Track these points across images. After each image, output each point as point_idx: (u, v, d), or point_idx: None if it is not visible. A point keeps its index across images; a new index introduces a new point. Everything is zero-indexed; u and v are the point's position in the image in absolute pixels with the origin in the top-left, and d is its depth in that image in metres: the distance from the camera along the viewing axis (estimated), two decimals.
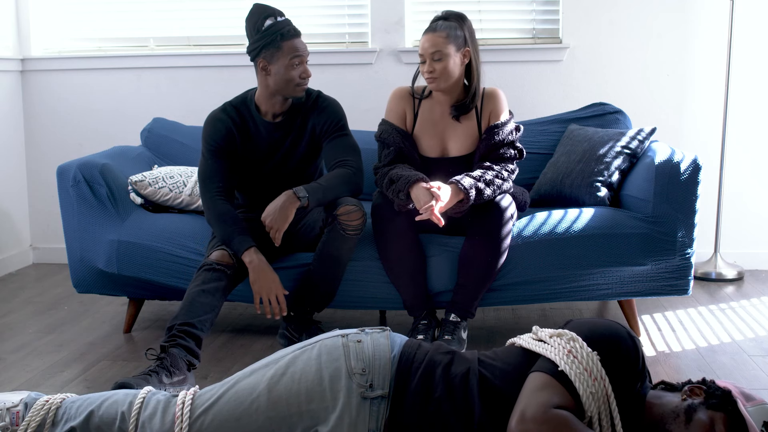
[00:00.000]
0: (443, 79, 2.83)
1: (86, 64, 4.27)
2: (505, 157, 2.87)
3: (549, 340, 1.79)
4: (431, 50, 2.80)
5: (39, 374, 2.73)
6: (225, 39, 4.24)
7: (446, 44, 2.80)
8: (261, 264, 2.67)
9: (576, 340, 1.74)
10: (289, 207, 2.65)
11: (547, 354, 1.74)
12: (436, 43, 2.79)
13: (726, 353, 2.87)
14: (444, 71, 2.81)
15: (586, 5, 3.98)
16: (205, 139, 2.85)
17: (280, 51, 2.75)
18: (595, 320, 1.83)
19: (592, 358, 1.70)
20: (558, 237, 2.88)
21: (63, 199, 3.08)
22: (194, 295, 2.57)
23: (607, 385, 1.69)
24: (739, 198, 4.02)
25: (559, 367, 1.69)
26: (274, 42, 2.74)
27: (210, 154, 2.84)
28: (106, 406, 1.84)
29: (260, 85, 2.85)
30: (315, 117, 2.88)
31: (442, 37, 2.80)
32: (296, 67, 2.77)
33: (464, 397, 1.75)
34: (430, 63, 2.81)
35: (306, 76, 2.80)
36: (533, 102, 4.00)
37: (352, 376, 1.78)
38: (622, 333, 1.76)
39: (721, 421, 1.66)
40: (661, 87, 4.00)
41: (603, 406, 1.68)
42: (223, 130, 2.84)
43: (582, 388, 1.67)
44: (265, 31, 2.74)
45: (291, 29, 2.78)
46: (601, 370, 1.69)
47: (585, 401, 1.67)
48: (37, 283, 3.98)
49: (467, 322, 2.87)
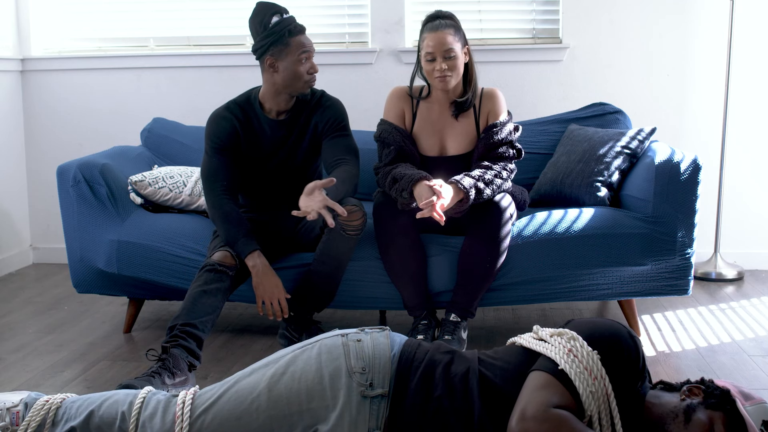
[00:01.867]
0: (455, 76, 2.83)
1: (86, 64, 4.27)
2: (504, 157, 2.87)
3: (550, 339, 1.79)
4: (444, 48, 2.78)
5: (39, 374, 2.73)
6: (225, 39, 4.24)
7: (455, 42, 2.80)
8: (264, 268, 2.68)
9: (576, 339, 1.74)
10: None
11: (547, 353, 1.74)
12: (449, 41, 2.79)
13: (726, 353, 2.87)
14: (456, 69, 2.82)
15: (586, 5, 3.98)
16: (209, 137, 2.85)
17: (288, 47, 2.75)
18: (595, 320, 1.83)
19: (592, 357, 1.71)
20: (558, 237, 2.88)
21: (63, 199, 3.08)
22: (196, 295, 2.57)
23: (607, 384, 1.69)
24: (739, 198, 4.02)
25: (559, 366, 1.69)
26: (282, 39, 2.74)
27: (214, 151, 2.84)
28: (106, 406, 1.84)
29: (266, 83, 2.84)
30: (318, 115, 2.88)
31: (451, 35, 2.80)
32: (304, 62, 2.78)
33: (464, 397, 1.75)
34: (443, 61, 2.80)
35: (314, 71, 2.81)
36: (533, 102, 4.01)
37: (352, 374, 1.78)
38: (622, 332, 1.76)
39: (720, 421, 1.66)
40: (662, 87, 4.00)
41: (603, 405, 1.68)
42: (228, 128, 2.83)
43: (582, 388, 1.67)
44: (272, 29, 2.74)
45: (297, 25, 2.79)
46: (601, 370, 1.70)
47: (585, 400, 1.67)
48: (37, 283, 3.98)
49: (467, 322, 2.87)
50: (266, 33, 2.75)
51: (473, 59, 2.90)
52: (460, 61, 2.83)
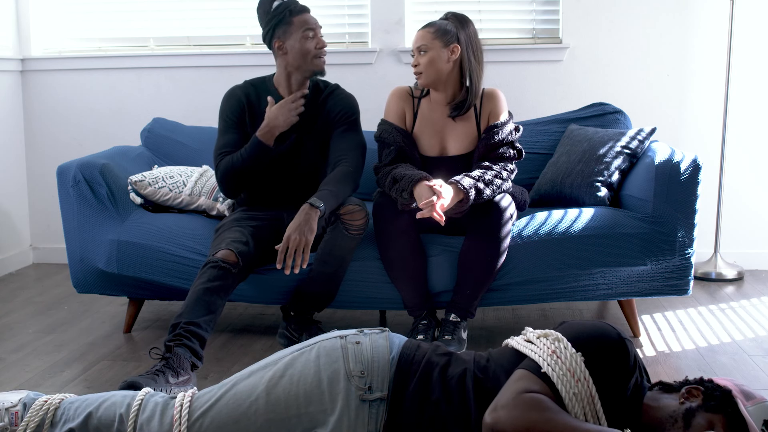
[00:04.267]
0: (426, 73, 2.87)
1: (86, 64, 4.27)
2: (504, 157, 2.87)
3: (536, 341, 1.77)
4: (417, 44, 2.88)
5: (39, 374, 2.73)
6: (225, 39, 4.24)
7: (432, 39, 2.85)
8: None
9: (561, 341, 1.73)
10: (312, 218, 2.67)
11: (531, 355, 1.73)
12: (422, 38, 2.87)
13: (726, 353, 2.87)
14: (427, 65, 2.85)
15: (586, 5, 3.98)
16: (220, 115, 2.96)
17: (292, 26, 2.84)
18: (585, 322, 1.81)
19: (576, 359, 1.68)
20: (558, 237, 2.88)
21: (63, 199, 3.08)
22: (200, 292, 2.57)
23: (590, 386, 1.66)
24: (739, 198, 4.02)
25: (542, 369, 1.67)
26: (285, 19, 2.84)
27: (225, 129, 2.93)
28: (104, 408, 1.84)
29: (279, 68, 2.93)
30: (331, 103, 2.95)
31: (430, 32, 2.86)
32: (310, 39, 2.85)
33: (461, 400, 1.74)
34: (416, 57, 2.88)
35: (321, 46, 2.88)
36: (533, 102, 4.00)
37: (351, 378, 1.77)
38: (608, 332, 1.73)
39: (720, 424, 1.63)
40: (661, 87, 3.99)
41: (588, 407, 1.66)
42: (235, 104, 2.93)
43: (564, 390, 1.65)
44: (274, 12, 2.84)
45: (299, 5, 2.88)
46: (585, 371, 1.67)
47: (567, 402, 1.64)
48: (37, 283, 3.98)
49: (467, 322, 2.87)
50: (269, 17, 2.84)
51: (480, 61, 2.90)
52: (436, 58, 2.84)
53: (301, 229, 2.64)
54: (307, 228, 2.64)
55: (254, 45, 4.16)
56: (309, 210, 2.67)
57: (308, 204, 2.68)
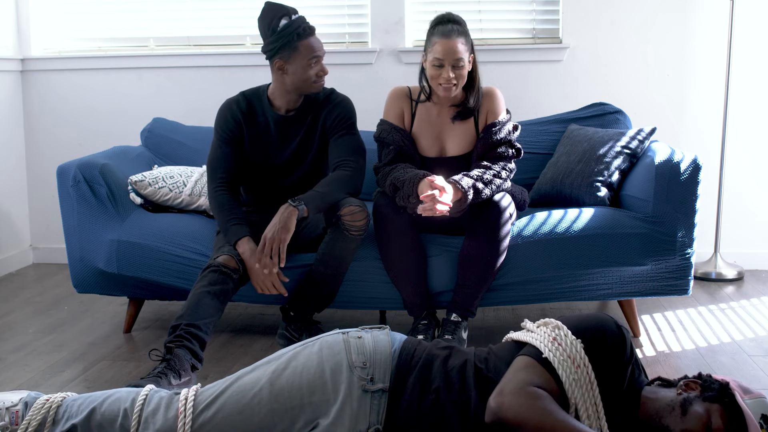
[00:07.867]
0: (459, 86, 2.83)
1: (86, 64, 4.27)
2: (503, 156, 2.87)
3: (536, 330, 1.82)
4: (454, 57, 2.76)
5: (39, 374, 2.73)
6: (225, 39, 4.24)
7: (465, 51, 2.79)
8: (252, 253, 2.70)
9: (561, 329, 1.77)
10: (290, 218, 2.67)
11: (532, 341, 1.77)
12: (459, 50, 2.76)
13: (726, 353, 2.87)
14: (461, 78, 2.81)
15: (586, 5, 3.98)
16: (216, 127, 2.93)
17: (297, 52, 2.77)
18: (584, 314, 1.86)
19: (575, 345, 1.72)
20: (558, 237, 2.88)
21: (63, 199, 3.08)
22: (200, 295, 2.57)
23: (590, 372, 1.70)
24: (739, 198, 4.02)
25: (543, 355, 1.71)
26: (291, 43, 2.75)
27: (219, 142, 2.90)
28: (108, 404, 1.84)
29: (275, 82, 2.87)
30: (326, 112, 2.91)
31: (462, 44, 2.78)
32: (314, 66, 2.80)
33: (461, 389, 1.77)
34: (449, 69, 2.77)
35: (323, 74, 2.84)
36: (533, 102, 4.01)
37: (353, 369, 1.79)
38: (607, 321, 1.77)
39: (717, 413, 1.65)
40: (661, 87, 4.00)
41: (588, 394, 1.69)
42: (232, 121, 2.89)
43: (565, 375, 1.68)
44: (281, 32, 2.75)
45: (306, 27, 2.80)
46: (585, 358, 1.70)
47: (567, 388, 1.68)
48: (37, 283, 3.98)
49: (468, 321, 2.87)
50: (275, 37, 2.76)
51: (478, 65, 2.90)
52: (467, 71, 2.82)
53: (275, 229, 2.65)
54: (282, 228, 2.65)
55: (254, 45, 4.16)
56: (286, 209, 2.67)
57: (287, 203, 2.68)
